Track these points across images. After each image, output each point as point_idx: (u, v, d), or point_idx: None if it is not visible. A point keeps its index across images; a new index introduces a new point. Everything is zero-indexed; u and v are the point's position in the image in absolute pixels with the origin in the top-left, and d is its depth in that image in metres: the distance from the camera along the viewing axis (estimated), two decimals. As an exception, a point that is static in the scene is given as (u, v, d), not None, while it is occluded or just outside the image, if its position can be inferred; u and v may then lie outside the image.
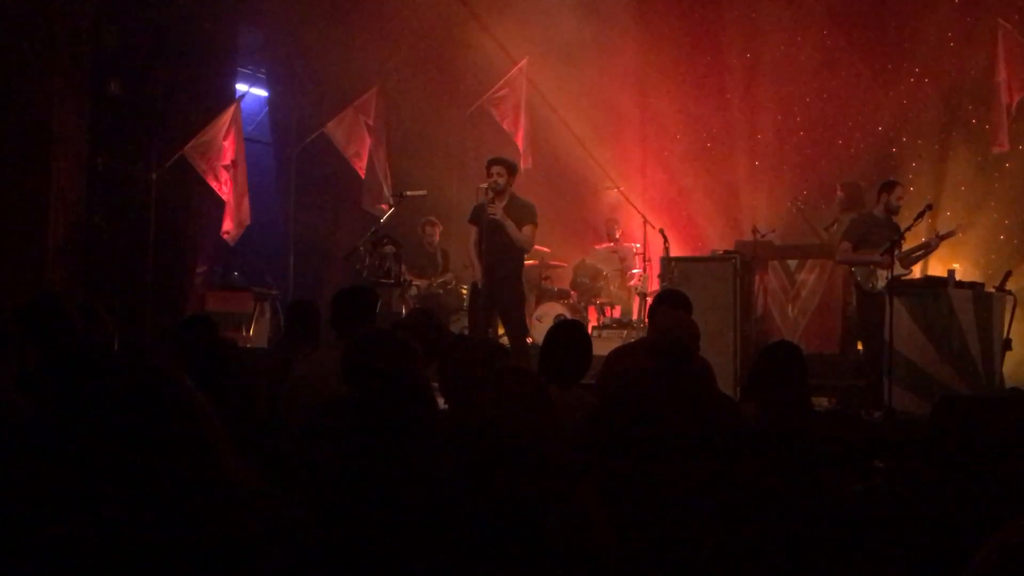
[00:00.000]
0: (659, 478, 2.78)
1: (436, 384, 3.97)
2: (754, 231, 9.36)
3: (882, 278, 7.73)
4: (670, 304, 5.26)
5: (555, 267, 11.18)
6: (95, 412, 2.11)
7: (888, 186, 8.18)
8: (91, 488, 2.10)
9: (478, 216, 8.06)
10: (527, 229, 8.01)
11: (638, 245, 10.79)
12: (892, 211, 8.07)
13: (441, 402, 3.91)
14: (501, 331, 8.28)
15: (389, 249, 9.33)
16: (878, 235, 7.90)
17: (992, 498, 2.67)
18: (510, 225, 7.89)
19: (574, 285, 10.93)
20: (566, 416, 3.34)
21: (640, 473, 2.79)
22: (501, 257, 7.94)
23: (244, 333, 9.95)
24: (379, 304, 5.62)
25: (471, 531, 2.28)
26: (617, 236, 11.26)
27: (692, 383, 4.06)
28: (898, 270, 7.81)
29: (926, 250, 8.34)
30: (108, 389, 2.13)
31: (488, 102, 10.86)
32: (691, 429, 3.17)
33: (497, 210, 7.86)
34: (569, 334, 4.45)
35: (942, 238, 8.28)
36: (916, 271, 8.46)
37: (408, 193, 9.51)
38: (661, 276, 8.72)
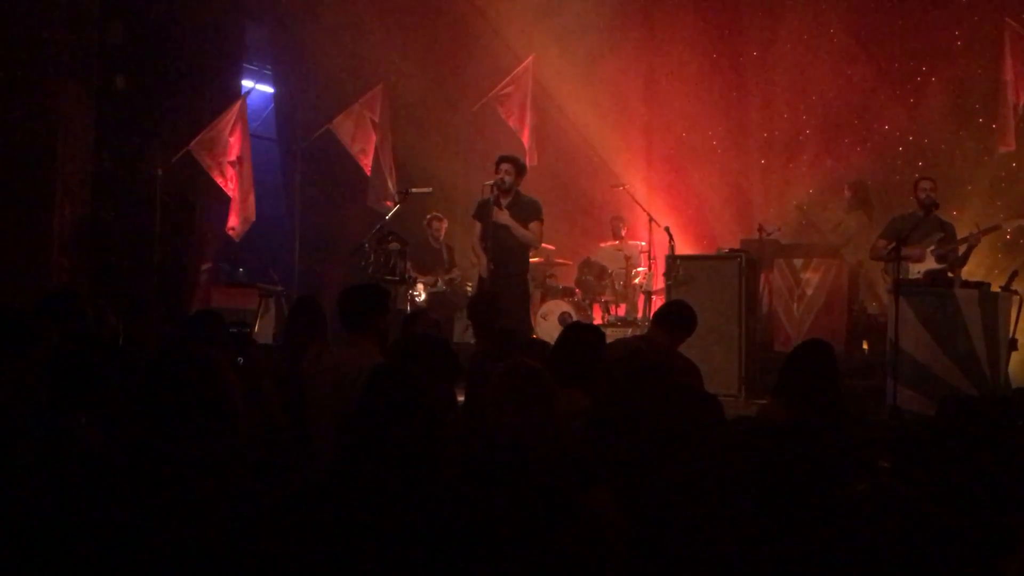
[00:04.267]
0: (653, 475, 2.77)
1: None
2: (760, 229, 9.33)
3: (914, 273, 7.81)
4: None
5: (560, 265, 11.17)
6: (145, 398, 2.11)
7: (914, 183, 8.42)
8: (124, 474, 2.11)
9: (482, 213, 8.06)
10: (533, 226, 8.02)
11: (643, 243, 10.77)
12: (925, 205, 8.10)
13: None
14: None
15: (394, 246, 9.29)
16: (916, 233, 7.98)
17: (997, 498, 2.66)
18: (515, 226, 7.90)
19: (579, 283, 10.91)
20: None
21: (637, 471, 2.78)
22: (506, 254, 7.95)
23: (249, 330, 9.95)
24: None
25: (475, 531, 2.26)
26: (622, 234, 11.25)
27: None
28: (934, 266, 7.89)
29: (968, 245, 8.28)
30: (161, 373, 2.13)
31: (494, 99, 10.86)
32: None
33: (502, 215, 7.87)
34: (579, 335, 4.40)
35: (984, 232, 8.24)
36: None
37: (413, 190, 9.48)
38: (666, 274, 8.71)
